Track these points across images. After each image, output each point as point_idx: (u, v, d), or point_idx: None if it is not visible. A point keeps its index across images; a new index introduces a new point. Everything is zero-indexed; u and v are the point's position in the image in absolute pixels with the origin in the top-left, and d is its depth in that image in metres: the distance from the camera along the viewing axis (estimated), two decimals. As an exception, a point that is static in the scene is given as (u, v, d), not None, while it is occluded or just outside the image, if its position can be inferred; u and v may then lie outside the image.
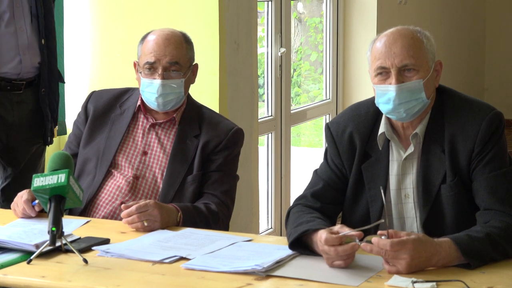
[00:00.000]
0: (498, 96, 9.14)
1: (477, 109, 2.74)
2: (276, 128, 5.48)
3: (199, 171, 3.21)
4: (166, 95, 3.19)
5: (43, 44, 3.86)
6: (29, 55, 3.83)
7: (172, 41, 3.19)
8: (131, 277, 2.49)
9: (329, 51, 6.33)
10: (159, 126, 3.28)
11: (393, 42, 2.71)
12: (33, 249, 2.63)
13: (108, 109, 3.34)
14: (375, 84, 2.74)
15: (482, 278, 2.39)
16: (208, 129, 3.26)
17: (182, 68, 3.21)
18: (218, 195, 3.20)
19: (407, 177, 2.79)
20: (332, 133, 2.89)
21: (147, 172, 3.23)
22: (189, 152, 3.22)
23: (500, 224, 2.57)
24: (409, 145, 2.78)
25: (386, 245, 2.39)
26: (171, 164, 3.22)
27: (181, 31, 3.28)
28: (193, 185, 3.20)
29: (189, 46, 3.26)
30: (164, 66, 3.18)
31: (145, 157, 3.25)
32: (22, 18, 3.82)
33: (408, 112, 2.73)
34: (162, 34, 3.22)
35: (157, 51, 3.18)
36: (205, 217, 3.11)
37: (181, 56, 3.20)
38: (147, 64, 3.19)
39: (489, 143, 2.69)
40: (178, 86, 3.20)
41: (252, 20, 4.60)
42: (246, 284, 2.40)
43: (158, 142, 3.26)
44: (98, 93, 3.42)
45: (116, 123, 3.30)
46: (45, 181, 2.64)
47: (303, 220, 2.66)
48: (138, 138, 3.28)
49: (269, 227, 5.53)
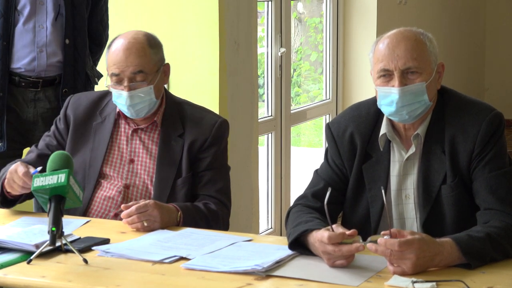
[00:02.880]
0: (498, 96, 9.14)
1: (477, 110, 2.74)
2: (276, 128, 5.48)
3: (189, 172, 3.18)
4: (135, 104, 3.13)
5: (67, 43, 3.83)
6: (47, 53, 3.81)
7: (133, 50, 3.11)
8: (131, 277, 2.49)
9: (329, 51, 6.33)
10: (142, 130, 3.23)
11: (396, 45, 2.70)
12: (33, 249, 2.63)
13: (88, 117, 3.28)
14: (378, 86, 2.74)
15: (482, 278, 2.39)
16: (191, 127, 3.21)
17: (148, 75, 3.12)
18: (214, 195, 3.18)
19: (408, 178, 2.79)
20: (332, 133, 2.89)
21: (136, 180, 3.20)
22: (175, 153, 3.18)
23: (500, 224, 2.57)
24: (410, 145, 2.78)
25: (394, 245, 2.38)
26: (159, 168, 3.18)
27: (146, 34, 3.19)
28: (184, 188, 3.17)
29: (154, 49, 3.17)
30: (129, 77, 3.10)
31: (132, 165, 3.21)
32: (44, 15, 3.79)
33: (410, 115, 2.72)
34: (123, 43, 3.12)
35: (120, 63, 3.10)
36: (205, 216, 3.10)
37: (145, 63, 3.12)
38: (113, 76, 3.12)
39: (489, 144, 2.69)
40: (146, 94, 3.13)
41: (252, 20, 4.60)
42: (246, 284, 2.40)
43: (143, 148, 3.22)
44: (76, 98, 3.35)
45: (99, 132, 3.25)
46: (45, 181, 2.64)
47: (302, 220, 2.66)
48: (123, 146, 3.23)
49: (269, 227, 5.53)
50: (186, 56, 4.35)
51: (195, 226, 3.00)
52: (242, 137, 4.57)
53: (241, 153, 4.57)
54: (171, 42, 4.36)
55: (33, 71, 3.81)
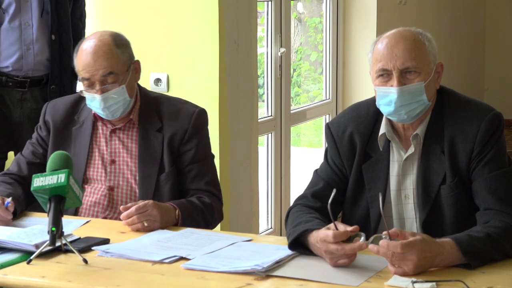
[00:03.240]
0: (498, 96, 9.13)
1: (477, 110, 2.74)
2: (276, 128, 5.48)
3: (171, 166, 3.17)
4: (110, 106, 3.12)
5: (53, 39, 3.83)
6: (34, 50, 3.80)
7: (100, 53, 3.09)
8: (131, 277, 2.49)
9: (329, 51, 6.32)
10: (120, 130, 3.23)
11: (395, 44, 2.70)
12: (33, 249, 2.63)
13: (67, 123, 3.27)
14: (377, 85, 2.74)
15: (482, 278, 2.39)
16: (169, 120, 3.20)
17: (118, 75, 3.11)
18: (205, 188, 3.17)
19: (407, 178, 2.79)
20: (332, 133, 2.89)
21: (120, 181, 3.20)
22: (156, 149, 3.17)
23: (500, 224, 2.57)
24: (409, 145, 2.78)
25: (397, 247, 2.37)
26: (141, 166, 3.17)
27: (112, 34, 3.17)
28: (169, 183, 3.16)
29: (122, 49, 3.15)
30: (100, 80, 3.09)
31: (114, 166, 3.21)
32: (29, 12, 3.79)
33: (409, 114, 2.72)
34: (90, 46, 3.11)
35: (89, 67, 3.09)
36: (201, 210, 3.10)
37: (114, 64, 3.10)
38: (84, 80, 3.11)
39: (488, 144, 2.69)
40: (119, 94, 3.12)
41: (252, 20, 4.60)
42: (246, 284, 2.40)
43: (123, 147, 3.21)
44: (53, 105, 3.34)
45: (78, 137, 3.24)
46: (45, 181, 2.64)
47: (301, 220, 2.66)
48: (103, 147, 3.23)
49: (269, 227, 5.53)
50: (186, 56, 4.35)
51: (193, 222, 3.01)
52: (242, 137, 4.57)
53: (241, 153, 4.57)
54: (171, 42, 4.36)
55: (21, 70, 3.80)
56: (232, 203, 4.46)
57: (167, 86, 4.38)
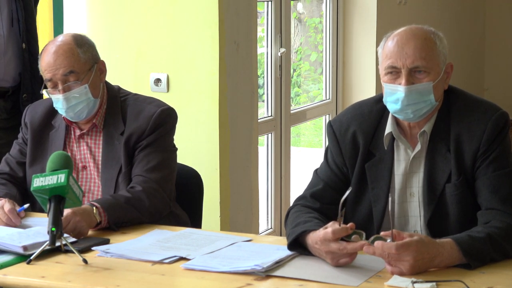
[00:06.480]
0: (498, 96, 9.12)
1: (483, 109, 2.73)
2: (276, 128, 5.47)
3: (127, 167, 3.13)
4: (73, 106, 3.12)
5: (24, 48, 3.81)
6: (5, 60, 3.77)
7: (60, 53, 3.10)
8: (131, 277, 2.49)
9: (329, 51, 6.32)
10: (87, 135, 3.21)
11: (405, 42, 2.68)
12: (20, 251, 2.62)
13: (43, 127, 3.27)
14: (385, 82, 2.72)
15: (482, 278, 2.39)
16: (130, 122, 3.17)
17: (80, 74, 3.11)
18: (143, 174, 3.09)
19: (414, 176, 2.77)
20: (334, 132, 2.87)
21: (91, 186, 3.19)
22: (117, 152, 3.15)
23: (501, 225, 2.57)
24: (416, 143, 2.77)
25: (391, 248, 2.38)
26: (104, 171, 3.15)
27: (73, 35, 3.18)
28: (125, 183, 3.11)
29: (83, 48, 3.15)
30: (61, 80, 3.09)
31: (86, 172, 3.20)
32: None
33: (415, 113, 2.71)
34: (51, 47, 3.13)
35: (50, 67, 3.10)
36: (127, 199, 2.98)
37: (74, 63, 3.11)
38: (47, 82, 3.12)
39: (494, 143, 2.69)
40: (82, 94, 3.11)
41: (252, 20, 4.60)
42: (246, 284, 2.40)
43: (90, 153, 3.20)
44: (33, 107, 3.34)
45: (55, 141, 3.23)
46: (44, 181, 2.64)
47: (300, 220, 2.66)
48: (75, 153, 3.22)
49: (269, 227, 5.53)
50: (186, 56, 4.34)
51: (123, 214, 2.92)
52: (241, 137, 4.56)
53: (241, 153, 4.56)
54: (171, 42, 4.36)
55: None
56: (232, 203, 4.46)
57: (167, 86, 4.38)
